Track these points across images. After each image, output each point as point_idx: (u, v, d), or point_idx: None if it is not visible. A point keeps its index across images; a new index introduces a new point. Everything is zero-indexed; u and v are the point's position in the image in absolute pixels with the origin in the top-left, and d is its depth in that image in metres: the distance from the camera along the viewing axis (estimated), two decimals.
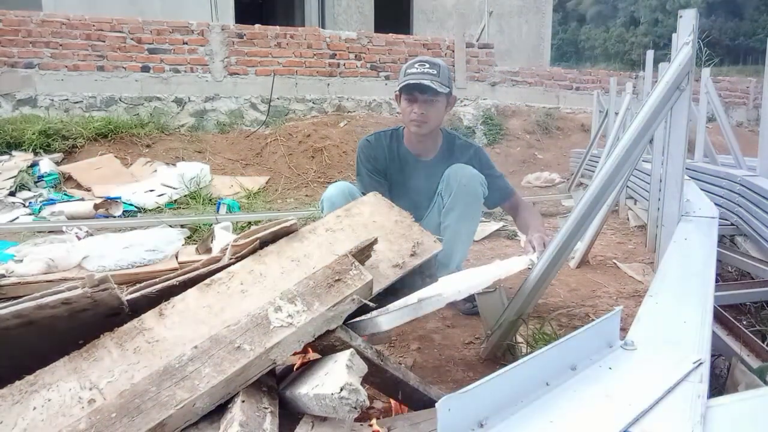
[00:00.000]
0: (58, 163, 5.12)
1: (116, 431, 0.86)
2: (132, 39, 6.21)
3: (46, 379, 0.98)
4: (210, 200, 4.65)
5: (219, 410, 1.02)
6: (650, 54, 3.51)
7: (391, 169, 2.11)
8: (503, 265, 1.50)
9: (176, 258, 2.80)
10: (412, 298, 1.26)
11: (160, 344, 1.04)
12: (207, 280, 1.17)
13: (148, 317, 1.09)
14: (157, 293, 1.14)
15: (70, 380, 0.97)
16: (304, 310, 1.05)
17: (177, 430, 0.91)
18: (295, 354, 1.36)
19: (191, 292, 1.15)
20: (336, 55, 7.02)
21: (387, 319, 1.17)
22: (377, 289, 1.22)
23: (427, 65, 1.93)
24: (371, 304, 1.15)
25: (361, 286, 1.12)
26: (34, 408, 0.92)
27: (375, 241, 1.23)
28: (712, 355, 1.31)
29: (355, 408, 0.88)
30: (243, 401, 0.95)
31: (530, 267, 1.55)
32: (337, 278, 1.12)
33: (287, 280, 1.18)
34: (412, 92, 1.94)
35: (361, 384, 0.93)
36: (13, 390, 0.94)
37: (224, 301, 1.14)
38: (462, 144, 2.15)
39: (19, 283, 2.26)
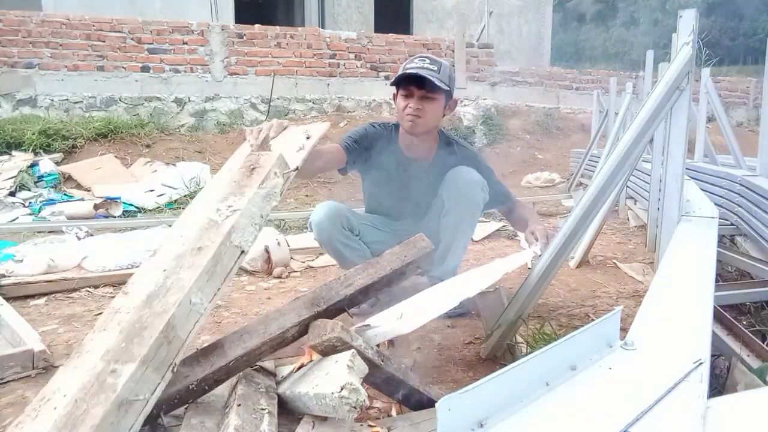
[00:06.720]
0: (58, 163, 5.11)
1: (132, 349, 0.91)
2: (132, 39, 6.21)
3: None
4: None
5: (221, 412, 1.02)
6: (650, 54, 3.51)
7: (382, 164, 1.99)
8: (507, 261, 1.49)
9: None
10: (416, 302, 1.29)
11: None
12: None
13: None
14: None
15: None
16: (239, 199, 1.15)
17: (186, 328, 0.97)
18: (295, 355, 1.36)
19: None
20: (336, 55, 7.01)
21: (406, 324, 1.22)
22: (292, 167, 1.33)
23: (428, 61, 1.82)
24: (293, 168, 1.30)
25: (275, 161, 1.24)
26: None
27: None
28: (712, 355, 1.31)
29: (355, 408, 0.88)
30: (239, 405, 0.96)
31: (534, 260, 1.54)
32: (252, 167, 1.24)
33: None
34: (409, 86, 1.82)
35: (362, 384, 0.93)
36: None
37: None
38: (460, 150, 2.00)
39: (19, 283, 2.25)
